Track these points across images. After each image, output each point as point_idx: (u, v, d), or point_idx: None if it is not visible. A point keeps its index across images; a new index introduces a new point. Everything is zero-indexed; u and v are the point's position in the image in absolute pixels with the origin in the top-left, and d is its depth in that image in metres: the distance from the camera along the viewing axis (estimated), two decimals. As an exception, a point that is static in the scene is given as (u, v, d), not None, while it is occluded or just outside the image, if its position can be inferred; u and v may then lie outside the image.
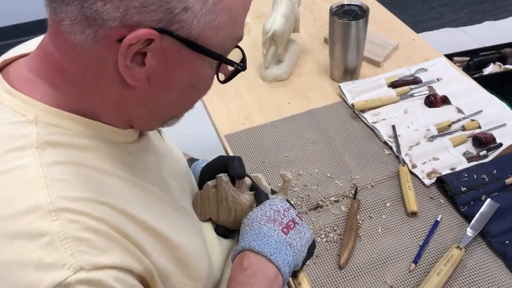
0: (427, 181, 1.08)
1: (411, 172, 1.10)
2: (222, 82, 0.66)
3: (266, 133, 1.23)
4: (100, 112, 0.61)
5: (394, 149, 1.16)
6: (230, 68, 0.64)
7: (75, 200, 0.54)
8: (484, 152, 1.12)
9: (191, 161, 0.99)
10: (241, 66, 0.63)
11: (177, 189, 0.77)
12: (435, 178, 1.08)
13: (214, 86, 0.66)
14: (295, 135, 1.22)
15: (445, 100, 1.27)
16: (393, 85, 1.32)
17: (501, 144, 1.13)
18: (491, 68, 2.23)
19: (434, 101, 1.26)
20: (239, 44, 0.63)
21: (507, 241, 0.94)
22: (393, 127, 1.20)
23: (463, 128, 1.19)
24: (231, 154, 1.19)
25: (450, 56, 2.18)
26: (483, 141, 1.13)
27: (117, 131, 0.63)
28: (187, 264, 0.68)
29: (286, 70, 1.40)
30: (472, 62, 2.24)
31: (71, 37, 0.54)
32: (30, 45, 0.66)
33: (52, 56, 0.58)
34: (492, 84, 1.92)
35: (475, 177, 1.06)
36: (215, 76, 0.64)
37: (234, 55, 0.62)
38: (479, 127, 1.18)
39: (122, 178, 0.61)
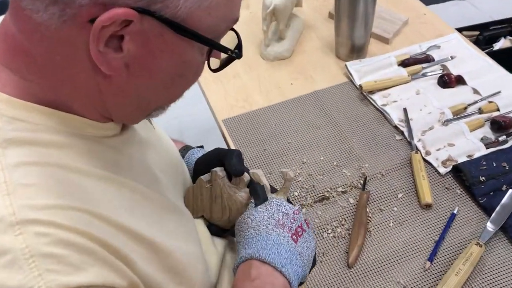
0: (442, 170, 0.99)
1: (424, 160, 1.01)
2: (214, 71, 0.57)
3: (267, 117, 1.14)
4: (75, 104, 0.52)
5: (406, 134, 1.07)
6: (224, 54, 0.55)
7: (44, 208, 0.45)
8: (504, 137, 1.03)
9: (186, 149, 0.90)
10: (236, 53, 0.54)
11: (168, 184, 0.69)
12: (451, 166, 0.99)
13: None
14: (298, 119, 1.13)
15: (460, 80, 1.18)
16: (404, 63, 1.23)
17: (522, 129, 1.04)
18: (502, 43, 2.13)
19: (448, 81, 1.17)
20: (234, 27, 0.54)
21: (531, 237, 0.87)
22: (405, 110, 1.11)
23: (480, 111, 1.10)
24: (229, 140, 1.10)
25: (458, 31, 2.07)
26: (502, 125, 1.05)
27: (95, 124, 0.54)
28: (179, 271, 0.60)
29: (288, 48, 1.30)
30: (482, 36, 2.14)
31: (33, 15, 0.45)
32: None
33: (13, 37, 0.49)
34: (503, 60, 1.82)
35: (495, 165, 0.97)
36: (206, 62, 0.55)
37: (228, 39, 0.53)
38: (498, 110, 1.10)
39: (101, 178, 0.53)
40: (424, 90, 1.17)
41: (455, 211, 0.92)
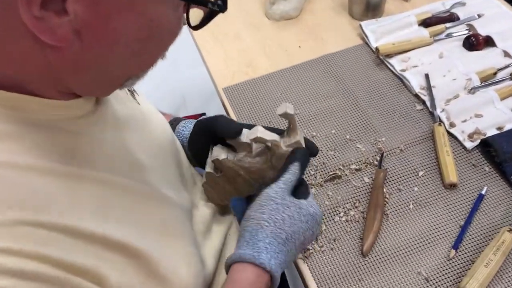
0: (469, 144, 0.88)
1: (448, 133, 0.90)
2: (194, 28, 0.46)
3: (273, 85, 1.03)
4: (30, 84, 0.41)
5: (428, 103, 0.96)
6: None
7: None
8: (539, 107, 0.92)
9: (175, 121, 0.80)
10: (219, 5, 0.43)
11: (156, 168, 0.59)
12: (479, 140, 0.88)
13: (208, 26, 0.47)
14: (307, 87, 1.02)
15: (488, 42, 1.05)
16: (425, 23, 1.11)
17: (560, 97, 0.92)
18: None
19: (475, 42, 1.04)
20: None
21: None
22: (426, 76, 0.99)
23: (512, 77, 0.98)
24: (230, 111, 1.00)
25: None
26: (538, 93, 0.93)
27: (57, 105, 0.44)
28: (162, 276, 0.51)
29: (295, 6, 1.17)
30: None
31: None
32: None
33: None
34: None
35: (529, 139, 0.86)
36: (185, 18, 0.44)
37: None
38: (532, 75, 0.98)
39: (61, 174, 0.43)
40: (448, 53, 1.04)
41: (483, 192, 0.82)
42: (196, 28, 0.46)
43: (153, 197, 0.54)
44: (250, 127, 0.65)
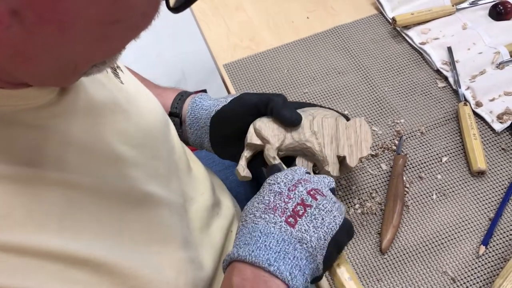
0: (498, 126, 0.79)
1: (475, 113, 0.81)
2: (174, 10, 0.37)
3: (278, 61, 0.93)
4: None
5: (451, 80, 0.86)
6: None
7: None
8: None
9: (183, 96, 0.70)
10: None
11: (141, 162, 0.51)
12: (510, 122, 0.79)
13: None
14: (316, 63, 0.92)
15: (518, 10, 0.95)
16: (447, -10, 1.00)
17: None
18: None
19: (503, 11, 0.94)
20: None
21: None
22: (449, 49, 0.89)
23: (545, 49, 0.88)
24: (231, 89, 0.90)
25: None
26: None
27: (3, 94, 0.35)
28: None
29: (302, -27, 1.06)
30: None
31: None
32: None
33: None
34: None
35: None
36: None
37: None
38: None
39: (14, 179, 0.35)
40: (472, 23, 0.94)
41: (515, 180, 0.73)
42: (176, 10, 0.37)
43: (132, 198, 0.46)
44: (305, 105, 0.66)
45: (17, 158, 0.35)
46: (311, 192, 0.51)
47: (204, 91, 1.48)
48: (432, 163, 0.77)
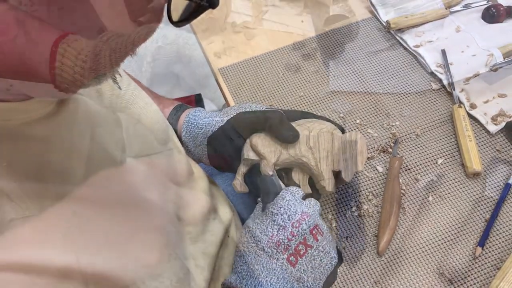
0: (492, 128, 0.80)
1: (469, 115, 0.82)
2: (177, 24, 0.37)
3: (273, 64, 0.93)
4: None
5: (445, 82, 0.86)
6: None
7: None
8: None
9: (177, 111, 0.70)
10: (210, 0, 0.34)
11: (140, 168, 0.50)
12: (504, 123, 0.80)
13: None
14: (311, 66, 0.93)
15: (510, 13, 0.95)
16: (440, -7, 1.00)
17: None
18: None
19: (496, 14, 0.95)
20: None
21: None
22: (443, 52, 0.90)
23: (538, 52, 0.89)
24: (228, 95, 0.90)
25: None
26: None
27: (15, 107, 0.35)
28: None
29: (297, -23, 1.06)
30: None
31: None
32: None
33: None
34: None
35: (560, 121, 0.78)
36: (166, 10, 0.35)
37: None
38: (560, 50, 0.88)
39: (20, 196, 0.34)
40: (466, 26, 0.95)
41: (510, 181, 0.74)
42: (179, 23, 0.37)
43: (125, 201, 0.46)
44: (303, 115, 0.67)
45: (25, 172, 0.35)
46: (313, 232, 0.53)
47: (199, 95, 1.47)
48: (428, 165, 0.77)
